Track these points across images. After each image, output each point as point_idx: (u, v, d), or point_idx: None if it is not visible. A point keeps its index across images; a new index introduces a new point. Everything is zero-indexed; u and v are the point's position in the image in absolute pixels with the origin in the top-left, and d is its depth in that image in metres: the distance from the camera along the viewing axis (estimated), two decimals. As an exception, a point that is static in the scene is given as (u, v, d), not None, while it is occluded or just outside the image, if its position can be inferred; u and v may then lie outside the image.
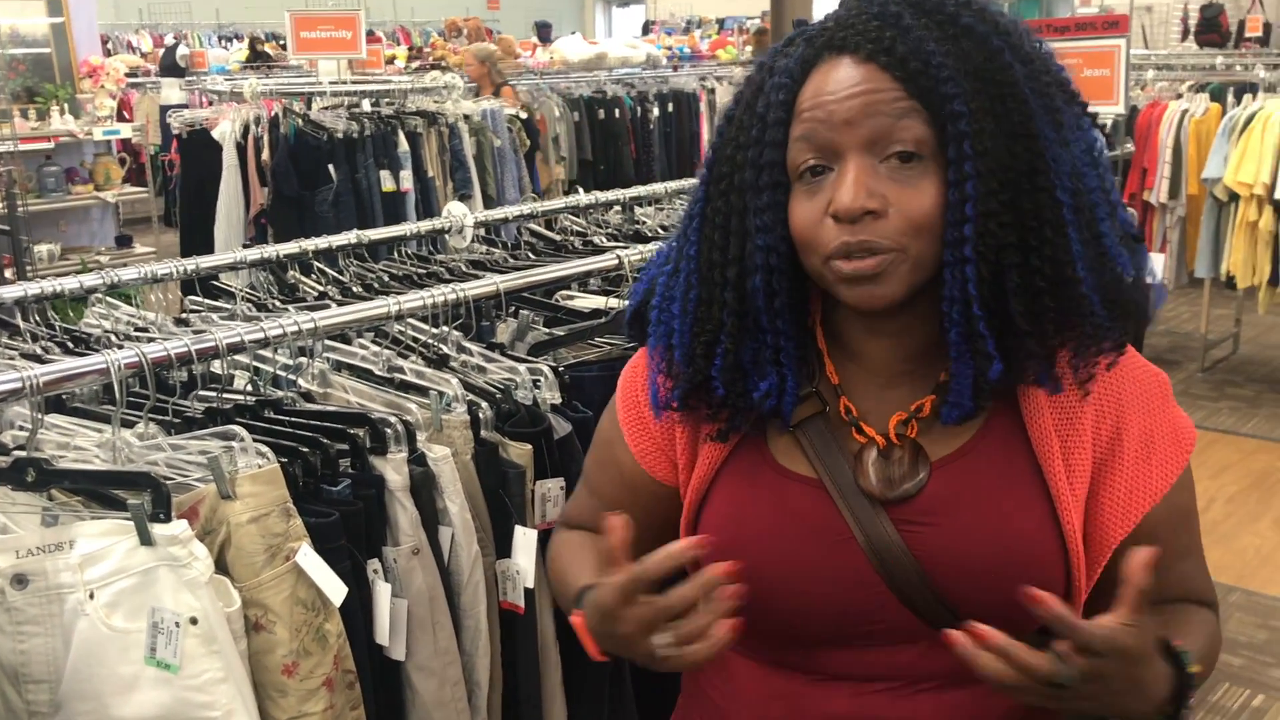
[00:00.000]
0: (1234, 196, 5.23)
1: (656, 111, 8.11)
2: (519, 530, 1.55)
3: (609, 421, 1.25)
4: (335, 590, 1.35)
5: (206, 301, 2.07)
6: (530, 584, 1.55)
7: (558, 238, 2.65)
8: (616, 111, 7.83)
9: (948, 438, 1.08)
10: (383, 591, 1.42)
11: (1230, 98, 5.93)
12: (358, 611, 1.41)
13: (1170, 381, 1.13)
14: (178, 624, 1.27)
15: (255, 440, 1.37)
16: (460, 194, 4.71)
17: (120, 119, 8.12)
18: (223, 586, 1.31)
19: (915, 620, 1.06)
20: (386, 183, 4.52)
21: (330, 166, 4.47)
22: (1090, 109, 1.06)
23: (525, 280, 1.82)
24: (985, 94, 0.97)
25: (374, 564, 1.44)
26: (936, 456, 1.08)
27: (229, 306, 2.07)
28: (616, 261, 1.93)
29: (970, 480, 1.06)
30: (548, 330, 1.96)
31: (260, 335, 1.51)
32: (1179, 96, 6.04)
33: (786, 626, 1.09)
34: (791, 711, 1.13)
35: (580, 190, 2.67)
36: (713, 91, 8.38)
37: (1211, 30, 11.14)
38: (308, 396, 1.60)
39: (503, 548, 1.57)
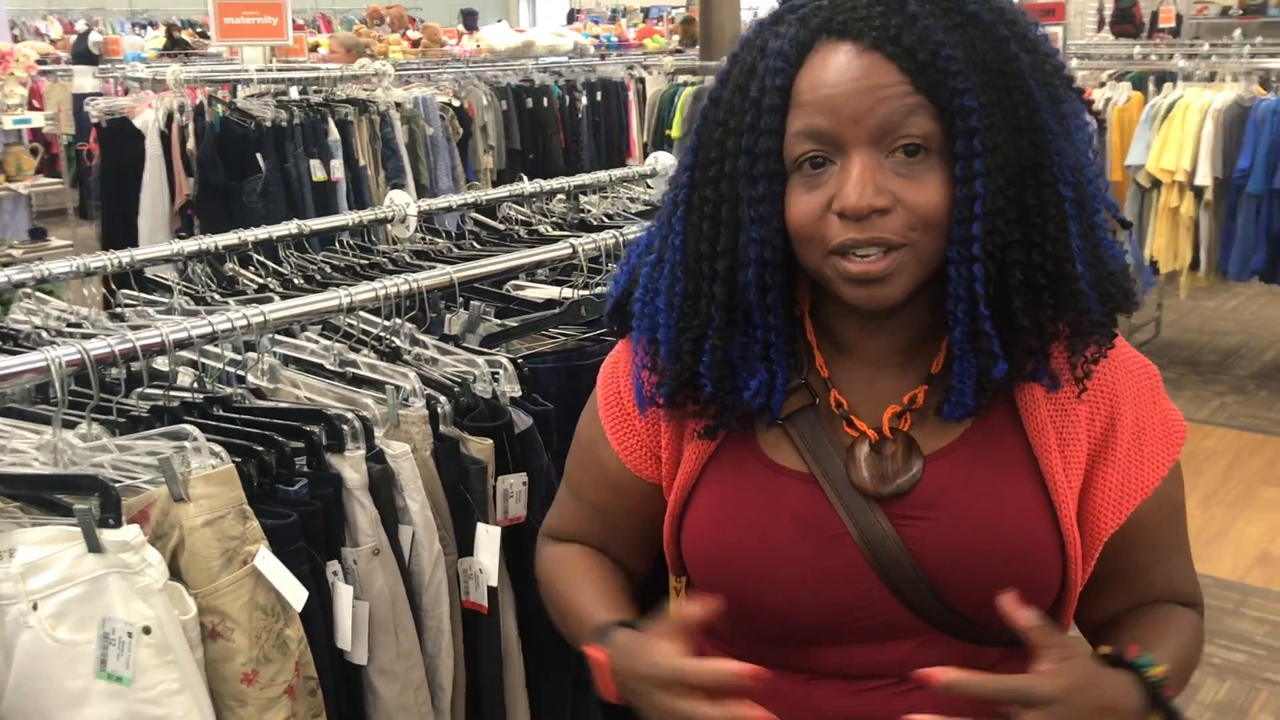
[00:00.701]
0: (1156, 183, 5.34)
1: (585, 100, 8.05)
2: (481, 527, 1.50)
3: (589, 420, 1.21)
4: (296, 594, 1.29)
5: (142, 295, 1.99)
6: (494, 582, 1.51)
7: (501, 227, 2.61)
8: (544, 100, 7.76)
9: (941, 430, 1.06)
10: (344, 594, 1.37)
11: (1151, 86, 6.04)
12: (318, 615, 1.36)
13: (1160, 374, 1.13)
14: (130, 634, 1.21)
15: (207, 440, 1.31)
16: (393, 183, 4.63)
17: (30, 108, 7.85)
18: (177, 593, 1.25)
19: (909, 616, 1.04)
20: (317, 172, 4.41)
21: (258, 156, 4.35)
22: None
23: (480, 270, 1.77)
24: (993, 86, 0.94)
25: (333, 566, 1.39)
26: (930, 450, 1.05)
27: (165, 300, 1.99)
28: (570, 250, 1.89)
29: (965, 474, 1.04)
30: (500, 321, 1.92)
31: (208, 330, 1.45)
32: (1101, 85, 6.14)
33: (779, 624, 1.07)
34: (784, 711, 1.10)
35: (525, 179, 2.61)
36: (641, 81, 8.34)
37: (1126, 21, 11.38)
38: (258, 393, 1.53)
39: (464, 546, 1.53)
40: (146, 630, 1.21)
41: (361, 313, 1.71)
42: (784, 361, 1.04)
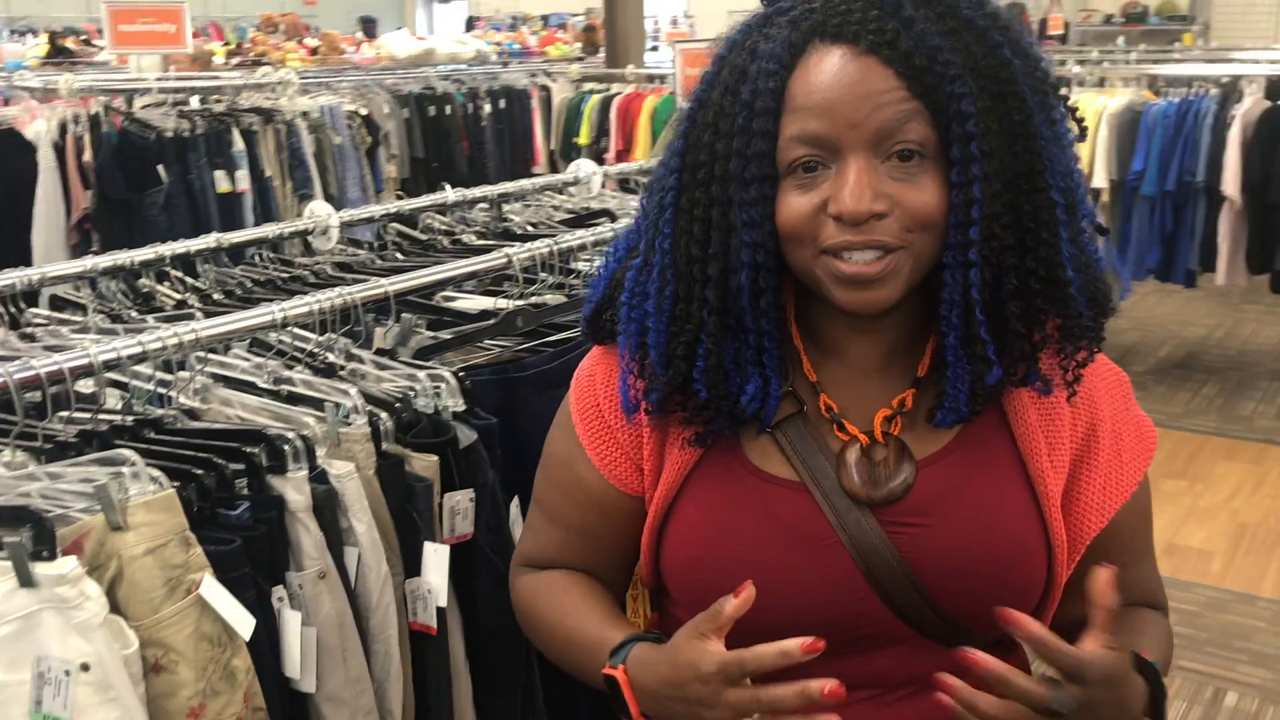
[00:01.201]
0: (1056, 186, 5.47)
1: (488, 108, 7.98)
2: (429, 546, 1.46)
3: (563, 439, 1.17)
4: (243, 622, 1.24)
5: (54, 315, 1.90)
6: (443, 602, 1.47)
7: (423, 237, 2.56)
8: (447, 108, 7.67)
9: (930, 435, 1.05)
10: (292, 620, 1.32)
11: (1047, 92, 6.19)
12: (264, 643, 1.30)
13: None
14: (68, 672, 1.15)
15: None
16: (300, 194, 4.53)
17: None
18: (116, 627, 1.19)
19: (899, 624, 1.03)
20: (222, 183, 4.29)
21: (160, 167, 4.22)
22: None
23: (417, 281, 1.73)
24: (988, 92, 0.94)
25: (278, 591, 1.34)
26: (921, 454, 1.05)
27: (78, 319, 1.91)
28: (505, 260, 1.86)
29: (957, 479, 1.04)
30: (432, 334, 1.88)
31: (138, 349, 1.39)
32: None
33: (768, 635, 1.05)
34: None
35: (448, 187, 2.57)
36: (545, 89, 8.30)
37: (1015, 28, 11.66)
38: (191, 414, 1.47)
39: (410, 566, 1.48)
40: (85, 667, 1.15)
41: (292, 328, 1.66)
42: (777, 366, 1.03)
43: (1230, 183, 5.11)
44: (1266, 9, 12.21)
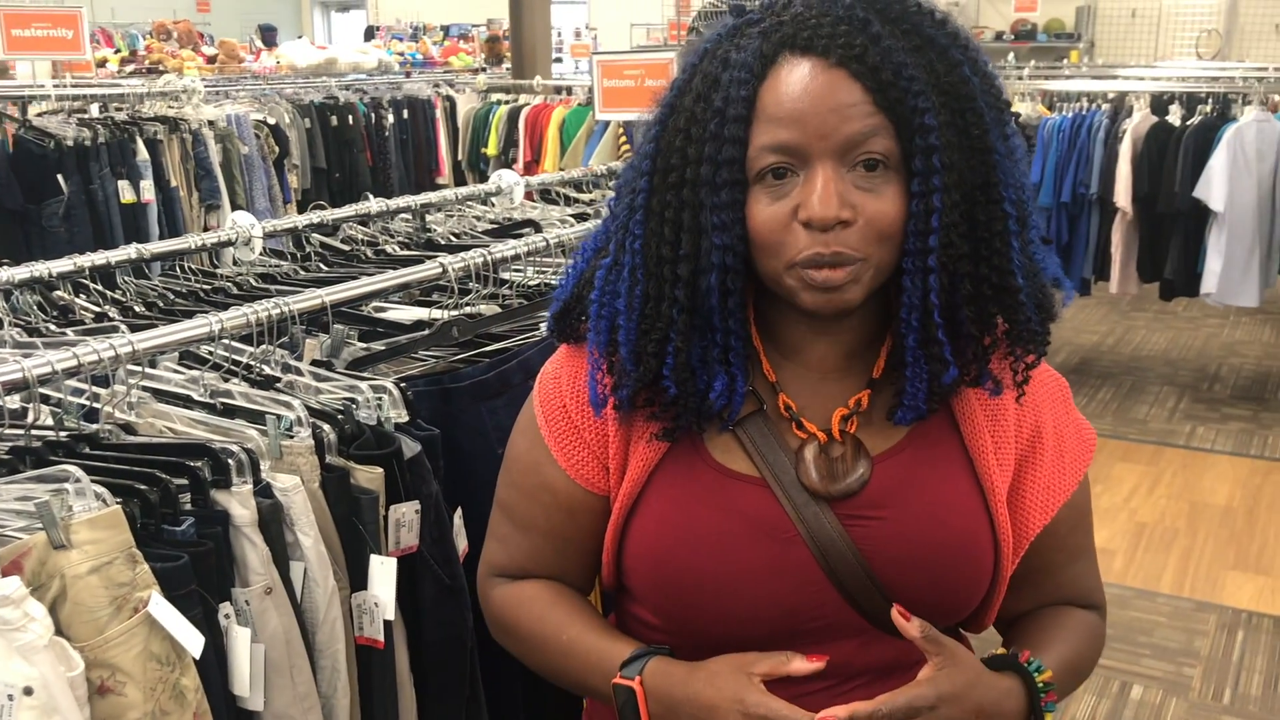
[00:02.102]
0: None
1: (391, 118, 7.89)
2: (375, 559, 1.44)
3: (528, 445, 1.18)
4: (193, 641, 1.21)
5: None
6: (390, 616, 1.45)
7: (346, 248, 2.52)
8: (350, 118, 7.56)
9: (884, 433, 1.10)
10: (241, 637, 1.29)
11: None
12: (211, 662, 1.27)
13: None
14: (10, 696, 1.11)
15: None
16: (207, 204, 4.42)
17: None
18: (61, 649, 1.15)
19: (854, 615, 1.07)
20: (126, 193, 4.16)
21: (59, 177, 4.08)
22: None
23: (355, 291, 1.71)
24: (948, 108, 0.98)
25: (225, 608, 1.31)
26: (875, 451, 1.09)
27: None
28: (441, 270, 1.85)
29: (910, 474, 1.08)
30: (364, 345, 1.86)
31: (73, 362, 1.35)
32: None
33: (730, 628, 1.07)
34: None
35: (370, 197, 2.54)
36: (449, 99, 8.24)
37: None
38: (128, 428, 1.43)
39: (356, 580, 1.46)
40: (28, 691, 1.11)
41: (223, 340, 1.62)
42: (742, 364, 1.06)
43: (1122, 194, 5.31)
44: (1147, 28, 12.71)
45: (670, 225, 1.03)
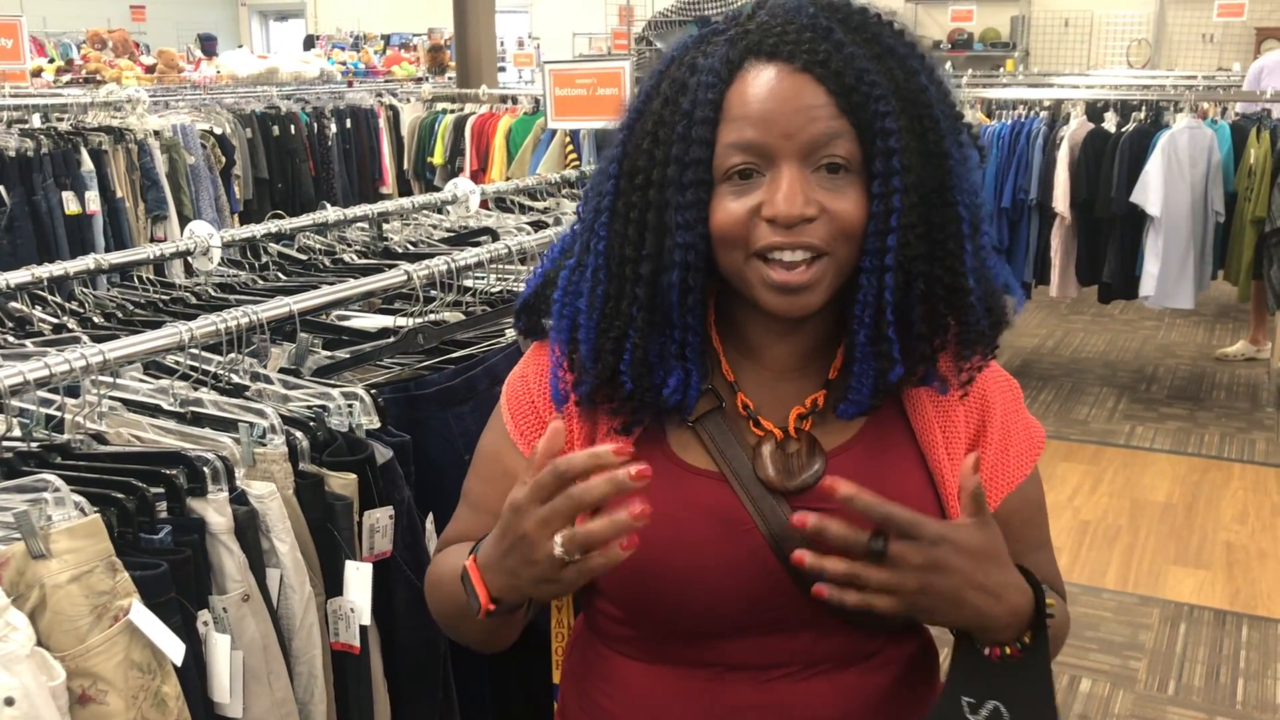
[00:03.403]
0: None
1: (334, 128, 7.84)
2: (351, 565, 1.45)
3: (494, 437, 1.21)
4: (174, 648, 1.21)
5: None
6: (366, 621, 1.46)
7: (303, 256, 2.52)
8: (292, 128, 7.51)
9: (838, 430, 1.13)
10: (221, 644, 1.29)
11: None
12: (191, 669, 1.28)
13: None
14: (-8, 707, 1.11)
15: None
16: (153, 215, 4.37)
17: None
18: (41, 658, 1.15)
19: (809, 605, 1.09)
20: (70, 205, 4.10)
21: (1, 188, 4.01)
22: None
23: (322, 300, 1.71)
24: (907, 114, 1.02)
25: (203, 615, 1.31)
26: (829, 447, 1.12)
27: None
28: (406, 277, 1.86)
29: (862, 469, 1.11)
30: (329, 354, 1.86)
31: (44, 372, 1.34)
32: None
33: (691, 619, 1.10)
34: (693, 710, 1.14)
35: (328, 206, 2.54)
36: (392, 108, 8.20)
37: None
38: (99, 438, 1.43)
39: (331, 586, 1.47)
40: (9, 701, 1.11)
41: (190, 349, 1.62)
42: (699, 361, 1.09)
43: (1060, 199, 5.42)
44: (1079, 38, 13.00)
45: (635, 225, 1.06)
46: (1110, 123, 5.53)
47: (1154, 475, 4.75)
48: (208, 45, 11.45)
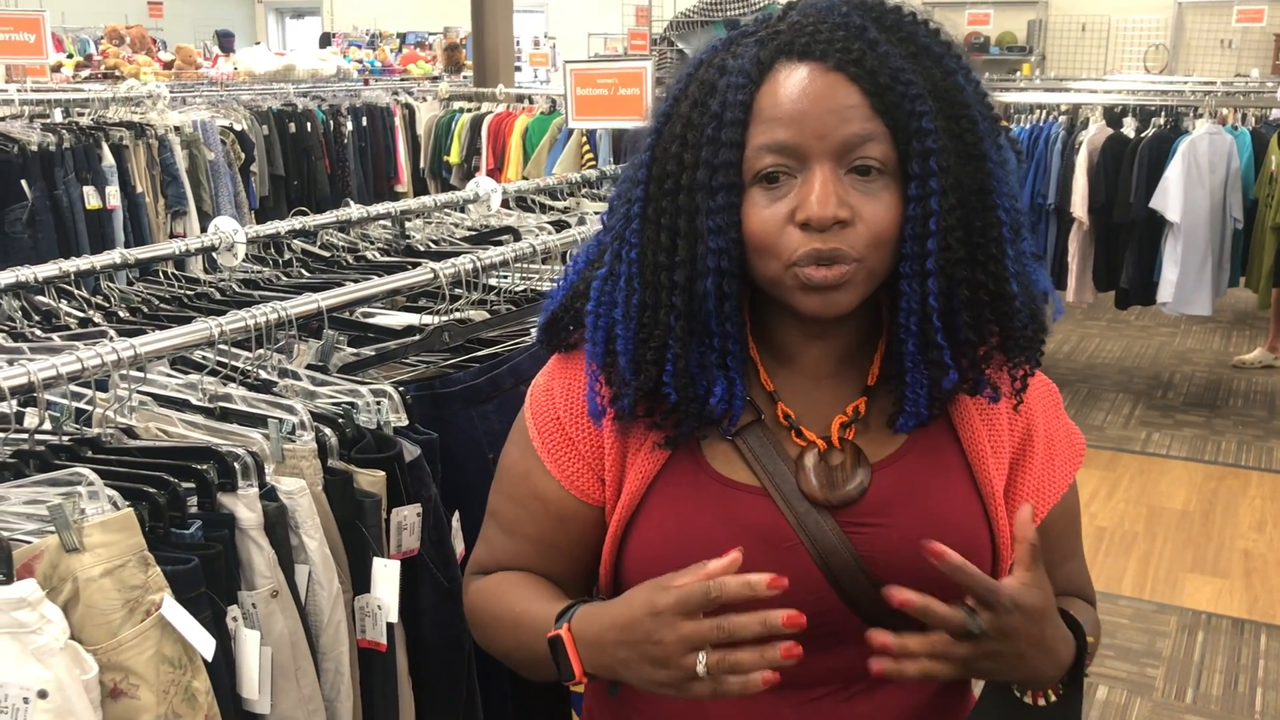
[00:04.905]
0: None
1: (350, 126, 7.86)
2: (379, 562, 1.45)
3: (520, 453, 1.18)
4: (204, 643, 1.21)
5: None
6: (393, 618, 1.45)
7: (326, 254, 2.52)
8: (308, 125, 7.53)
9: (883, 440, 1.10)
10: (250, 640, 1.29)
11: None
12: (220, 664, 1.28)
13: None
14: (26, 699, 1.11)
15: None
16: (173, 210, 4.38)
17: None
18: (75, 652, 1.15)
19: (855, 621, 1.07)
20: (91, 199, 4.11)
21: (23, 183, 4.02)
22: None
23: (349, 296, 1.71)
24: (944, 114, 1.00)
25: (233, 611, 1.31)
26: (875, 459, 1.09)
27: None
28: (432, 275, 1.85)
29: (910, 481, 1.09)
30: (354, 351, 1.86)
31: (77, 366, 1.34)
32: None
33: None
34: None
35: (351, 203, 2.54)
36: (408, 107, 8.21)
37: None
38: (129, 432, 1.43)
39: (359, 582, 1.47)
40: (43, 694, 1.11)
41: (218, 345, 1.62)
42: (740, 369, 1.06)
43: (1079, 205, 5.41)
44: (1096, 42, 12.95)
45: (667, 232, 1.03)
46: (1129, 128, 5.51)
47: (1170, 482, 4.73)
48: (225, 42, 11.48)
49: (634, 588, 1.01)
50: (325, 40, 13.85)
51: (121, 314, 2.01)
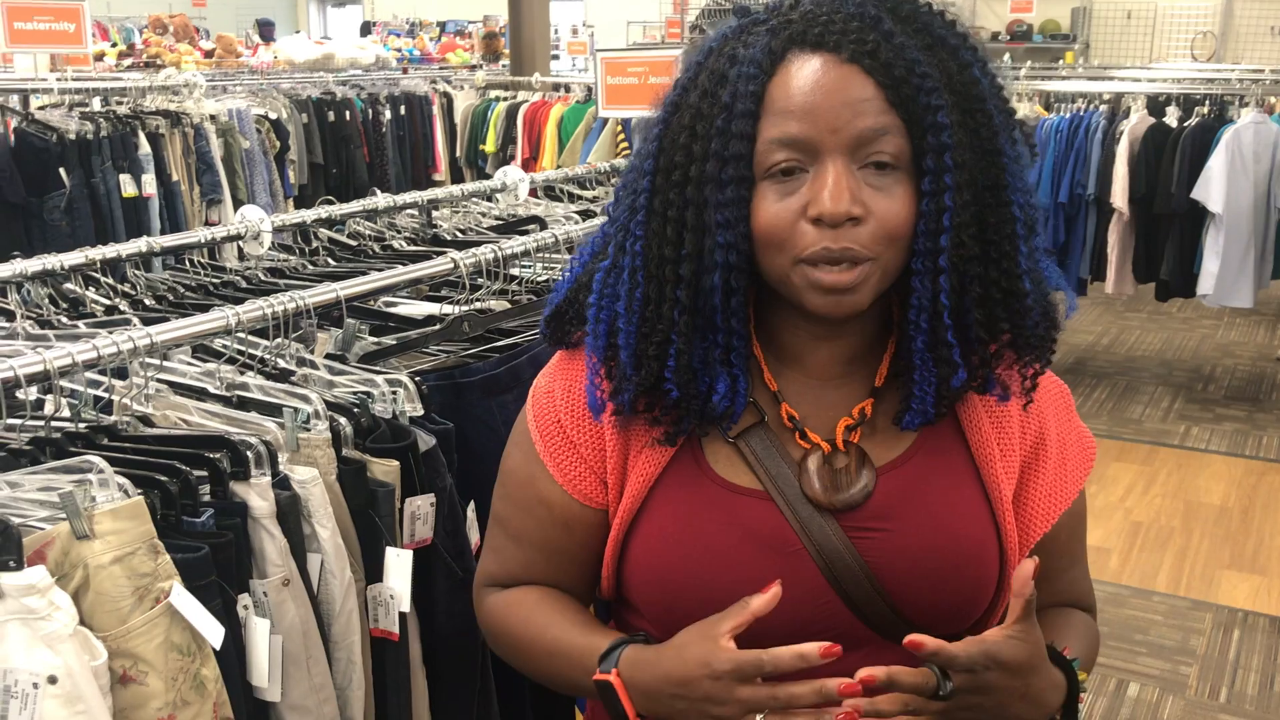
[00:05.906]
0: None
1: (388, 114, 7.89)
2: (391, 552, 1.46)
3: (523, 457, 1.16)
4: (213, 631, 1.22)
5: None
6: (406, 608, 1.46)
7: (353, 243, 2.54)
8: (347, 114, 7.56)
9: (889, 442, 1.08)
10: (260, 628, 1.30)
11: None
12: (230, 652, 1.28)
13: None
14: (35, 685, 1.12)
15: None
16: (208, 199, 4.42)
17: None
18: (84, 638, 1.16)
19: (860, 627, 1.05)
20: (128, 187, 4.15)
21: (61, 170, 4.07)
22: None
23: (369, 286, 1.72)
24: (959, 108, 0.97)
25: (244, 599, 1.32)
26: (880, 461, 1.07)
27: (4, 325, 1.85)
28: (452, 265, 1.85)
29: (916, 485, 1.07)
30: (375, 340, 1.87)
31: (93, 354, 1.35)
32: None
33: (736, 641, 1.07)
34: None
35: (378, 192, 2.55)
36: (446, 95, 8.23)
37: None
38: (145, 420, 1.44)
39: (371, 572, 1.47)
40: (53, 680, 1.13)
41: (237, 333, 1.63)
42: (744, 366, 1.04)
43: (1119, 195, 5.33)
44: (1142, 30, 12.75)
45: (673, 224, 1.01)
46: (1171, 117, 5.42)
47: (1209, 477, 4.66)
48: (266, 31, 11.55)
49: (683, 635, 1.01)
50: (366, 29, 13.92)
51: (148, 302, 2.03)
